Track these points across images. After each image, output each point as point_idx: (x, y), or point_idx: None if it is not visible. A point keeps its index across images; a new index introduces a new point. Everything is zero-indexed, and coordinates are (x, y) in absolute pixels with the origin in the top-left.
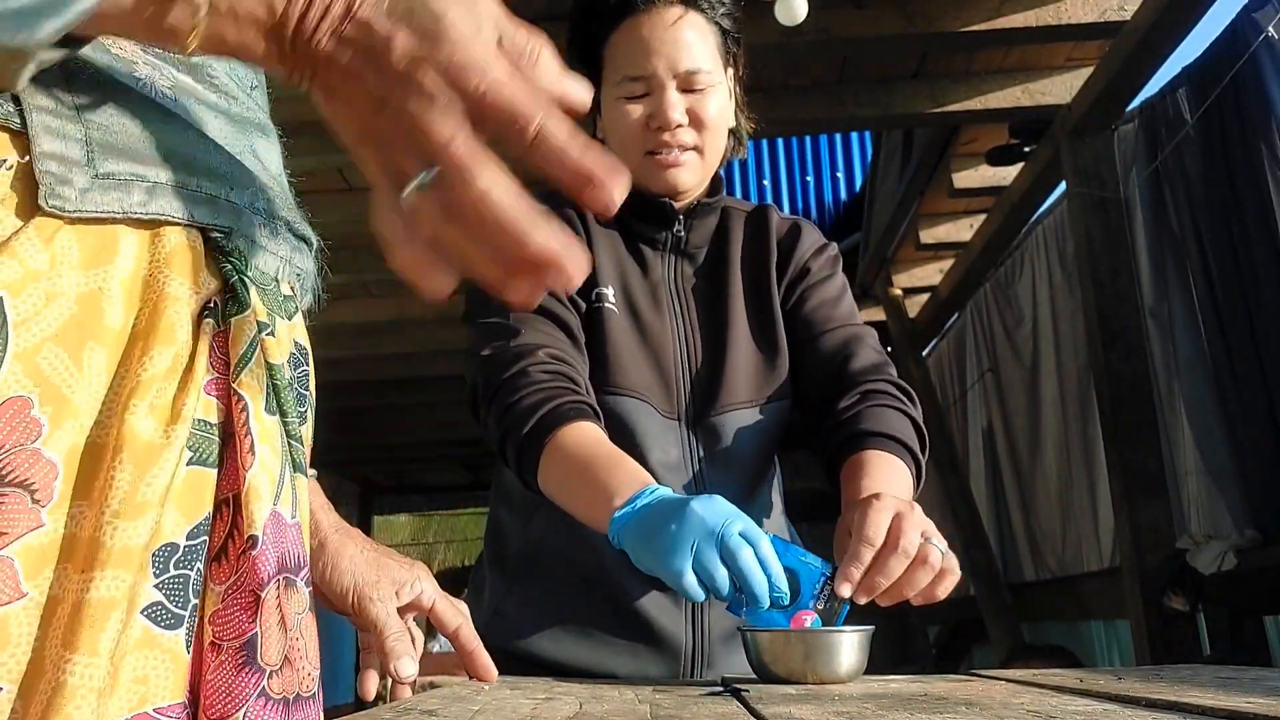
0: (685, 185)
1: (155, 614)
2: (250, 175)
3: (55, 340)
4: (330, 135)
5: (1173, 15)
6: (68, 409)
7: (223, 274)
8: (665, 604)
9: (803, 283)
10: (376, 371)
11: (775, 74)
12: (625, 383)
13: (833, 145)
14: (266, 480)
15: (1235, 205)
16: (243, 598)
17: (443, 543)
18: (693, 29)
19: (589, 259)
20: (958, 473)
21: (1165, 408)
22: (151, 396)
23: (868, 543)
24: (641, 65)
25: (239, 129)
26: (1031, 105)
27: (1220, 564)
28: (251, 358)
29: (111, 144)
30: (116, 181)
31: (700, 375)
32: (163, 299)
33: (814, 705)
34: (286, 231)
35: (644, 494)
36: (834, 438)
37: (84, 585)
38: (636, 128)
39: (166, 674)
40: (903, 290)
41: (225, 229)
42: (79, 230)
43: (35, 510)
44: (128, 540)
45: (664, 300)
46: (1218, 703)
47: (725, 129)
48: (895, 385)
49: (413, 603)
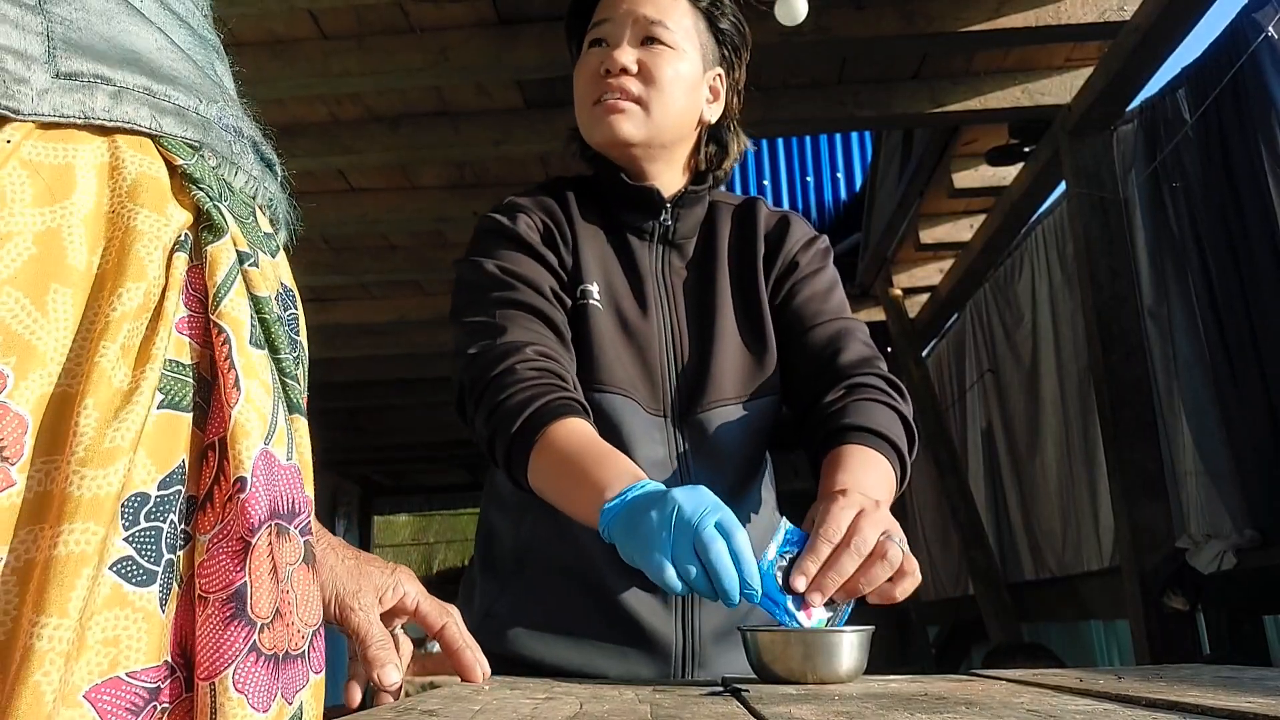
0: (624, 134)
1: (125, 570)
2: (217, 88)
3: (14, 284)
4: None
5: (1172, 15)
6: (34, 358)
7: (195, 203)
8: (654, 605)
9: (792, 276)
10: (376, 371)
11: (775, 74)
12: (611, 380)
13: (833, 145)
14: (255, 417)
15: (1235, 205)
16: (230, 545)
17: (443, 543)
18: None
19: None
20: (957, 473)
21: (1165, 408)
22: (122, 337)
23: (826, 539)
24: (608, 8)
25: (200, 44)
26: (1031, 105)
27: (1220, 564)
28: (231, 287)
29: (75, 41)
30: (80, 83)
31: (686, 371)
32: (129, 234)
33: (814, 705)
34: (253, 152)
35: (634, 487)
36: (818, 432)
37: (53, 541)
38: (589, 74)
39: (139, 635)
40: (903, 290)
41: (195, 143)
42: (29, 165)
43: (4, 468)
44: (97, 489)
45: (651, 293)
46: (1218, 703)
47: (682, 97)
48: (883, 379)
49: (397, 606)
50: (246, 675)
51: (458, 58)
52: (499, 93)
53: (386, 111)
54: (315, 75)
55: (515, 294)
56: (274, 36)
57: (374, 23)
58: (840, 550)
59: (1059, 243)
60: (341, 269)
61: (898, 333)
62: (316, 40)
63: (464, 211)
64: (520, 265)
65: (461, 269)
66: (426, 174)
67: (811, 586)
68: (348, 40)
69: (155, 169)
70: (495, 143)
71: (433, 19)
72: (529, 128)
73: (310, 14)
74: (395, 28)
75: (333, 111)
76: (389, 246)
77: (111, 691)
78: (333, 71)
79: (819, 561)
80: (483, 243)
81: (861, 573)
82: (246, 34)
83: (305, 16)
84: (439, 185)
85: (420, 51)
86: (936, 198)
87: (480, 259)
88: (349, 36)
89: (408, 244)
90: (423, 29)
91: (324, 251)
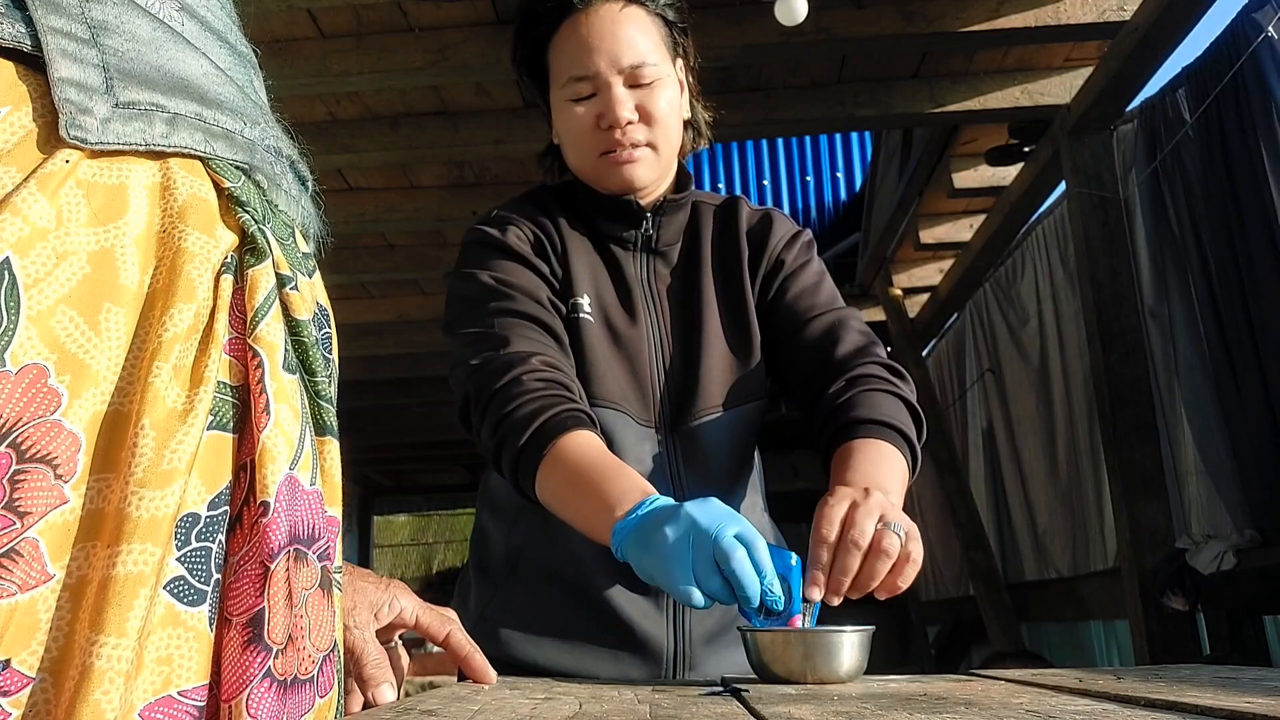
0: (642, 181)
1: (179, 590)
2: (259, 109)
3: (69, 302)
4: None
5: (1172, 15)
6: (87, 376)
7: (240, 225)
8: (646, 608)
9: (779, 275)
10: (376, 371)
11: (775, 74)
12: (602, 394)
13: (833, 145)
14: (283, 442)
15: (1235, 205)
16: (253, 569)
17: (442, 543)
18: (634, 24)
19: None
20: (957, 473)
21: (1165, 408)
22: (174, 358)
23: (823, 543)
24: (585, 64)
25: (240, 61)
26: (1031, 105)
27: (1219, 564)
28: (269, 311)
29: (129, 70)
30: (138, 111)
31: (675, 382)
32: (180, 254)
33: (814, 705)
34: (292, 171)
35: (644, 504)
36: (825, 429)
37: (110, 561)
38: (587, 129)
39: (191, 654)
40: (902, 290)
41: (244, 165)
42: (85, 185)
43: (58, 486)
44: (155, 510)
45: (638, 304)
46: (1217, 703)
47: (678, 122)
48: (884, 366)
49: (394, 622)
50: (260, 700)
51: (457, 57)
52: (498, 92)
53: (385, 111)
54: (314, 75)
55: (513, 303)
56: (273, 36)
57: (373, 22)
58: (840, 549)
59: (1060, 243)
60: (341, 268)
61: (898, 333)
62: (315, 40)
63: (463, 211)
64: (514, 275)
65: (454, 282)
66: (425, 173)
67: (828, 591)
68: (347, 40)
69: (205, 190)
70: (494, 142)
71: (432, 18)
72: (528, 127)
73: (309, 13)
74: (394, 27)
75: (332, 111)
76: (388, 246)
77: (165, 710)
78: (332, 71)
79: (824, 567)
80: (473, 255)
81: (865, 569)
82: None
83: (304, 16)
84: (438, 185)
85: (419, 51)
86: (936, 198)
87: (473, 270)
88: (348, 36)
89: (407, 243)
90: (422, 28)
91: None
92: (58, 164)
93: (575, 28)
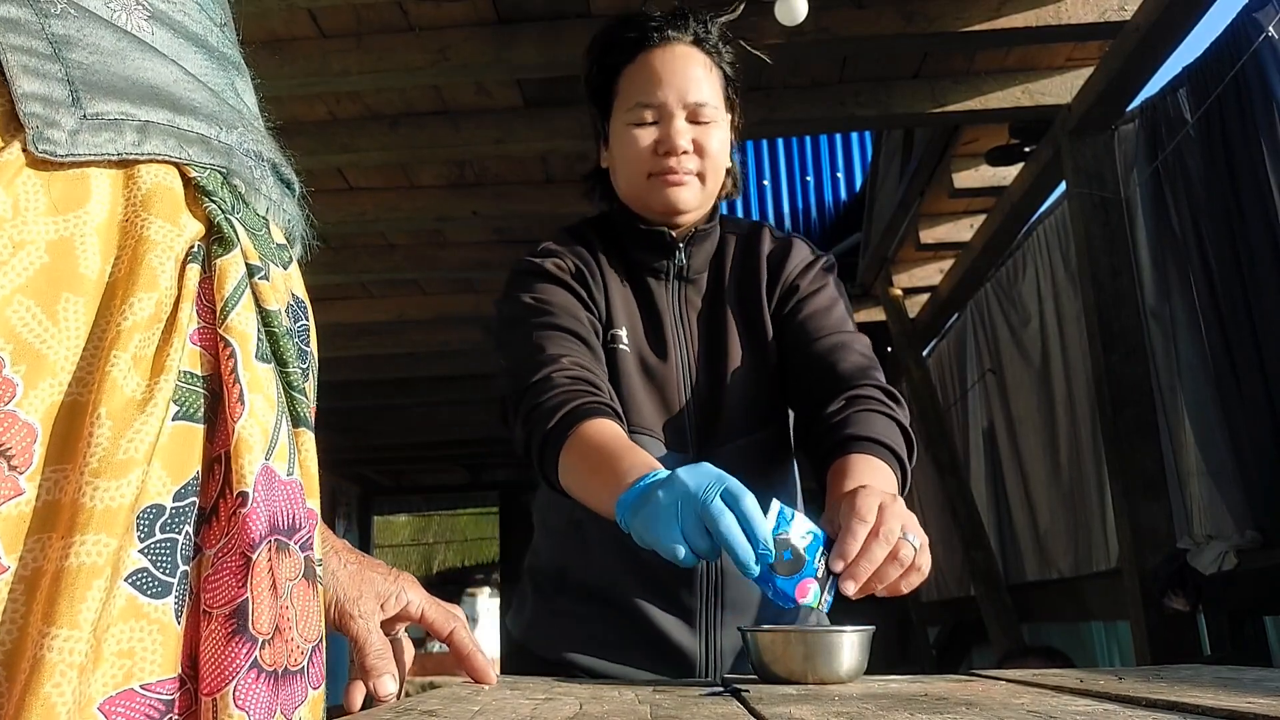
0: (687, 204)
1: (140, 581)
2: (236, 114)
3: (26, 292)
4: (329, 134)
5: (1173, 15)
6: (44, 366)
7: (206, 215)
8: (679, 624)
9: (793, 298)
10: (376, 371)
11: (775, 74)
12: (639, 421)
13: (833, 145)
14: (258, 431)
15: (1236, 205)
16: (233, 560)
17: (442, 543)
18: (701, 66)
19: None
20: (958, 473)
21: (1166, 408)
22: (134, 347)
23: (862, 521)
24: (653, 93)
25: (219, 65)
26: (1031, 105)
27: (1221, 564)
28: (239, 301)
29: (95, 82)
30: (106, 121)
31: (704, 407)
32: (142, 243)
33: (814, 705)
34: (273, 174)
35: (648, 476)
36: (822, 443)
37: (64, 552)
38: (644, 152)
39: (154, 647)
40: (903, 290)
41: (221, 169)
42: (44, 175)
43: (13, 477)
44: (110, 501)
45: (670, 333)
46: (1218, 703)
47: (725, 163)
48: (881, 390)
49: (400, 614)
50: (248, 692)
51: (457, 57)
52: (499, 92)
53: (386, 110)
54: (314, 74)
55: (551, 319)
56: (273, 35)
57: (373, 21)
58: (871, 538)
59: (1061, 243)
60: (340, 268)
61: (898, 333)
62: (315, 39)
63: (463, 210)
64: (554, 296)
65: (500, 307)
66: (426, 173)
67: (847, 575)
68: (347, 39)
69: (170, 180)
70: (495, 142)
71: (432, 18)
72: (528, 127)
73: (309, 12)
74: (394, 26)
75: (331, 110)
76: (388, 245)
77: (126, 704)
78: (332, 70)
79: (858, 541)
80: (518, 282)
81: (879, 568)
82: (245, 32)
83: (304, 15)
84: (438, 184)
85: (420, 50)
86: (937, 198)
87: (516, 294)
88: (348, 35)
89: (407, 243)
90: (422, 28)
91: (322, 251)
92: (14, 153)
93: (649, 59)
